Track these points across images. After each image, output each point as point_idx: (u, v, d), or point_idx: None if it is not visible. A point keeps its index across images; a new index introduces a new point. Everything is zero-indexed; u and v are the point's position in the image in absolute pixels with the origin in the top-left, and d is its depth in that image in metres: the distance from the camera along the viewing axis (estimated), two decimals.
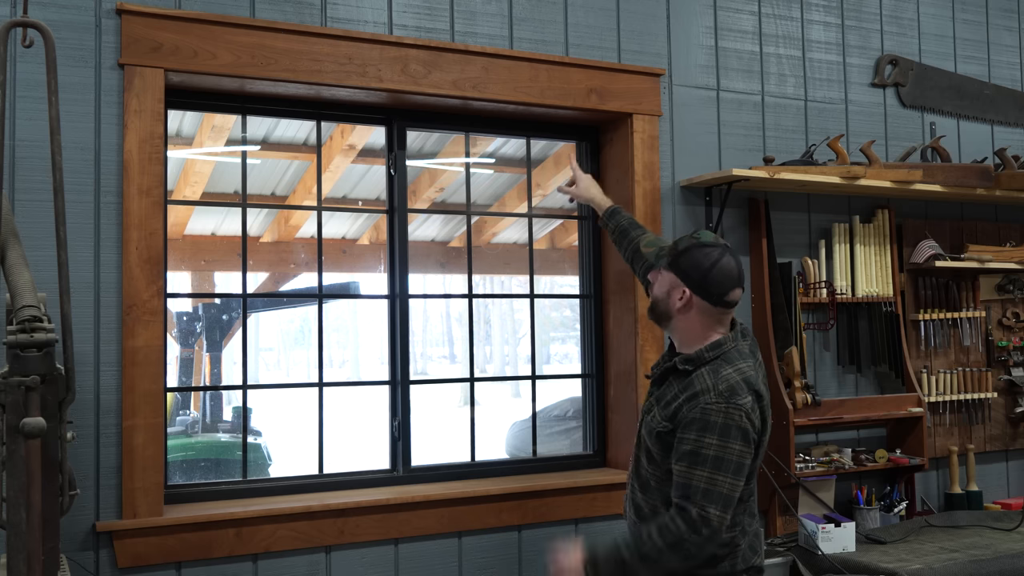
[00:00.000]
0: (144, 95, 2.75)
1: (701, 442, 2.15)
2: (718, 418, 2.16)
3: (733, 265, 2.29)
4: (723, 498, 2.13)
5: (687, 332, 2.33)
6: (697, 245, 2.30)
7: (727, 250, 2.31)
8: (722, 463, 2.14)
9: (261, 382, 10.48)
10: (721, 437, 2.15)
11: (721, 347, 2.29)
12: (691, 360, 2.29)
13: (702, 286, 2.28)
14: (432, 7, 3.20)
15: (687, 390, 2.24)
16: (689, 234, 2.38)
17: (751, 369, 2.28)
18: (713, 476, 2.13)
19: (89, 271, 2.68)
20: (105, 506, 2.67)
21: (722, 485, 2.13)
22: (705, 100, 3.65)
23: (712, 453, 2.14)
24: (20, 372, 1.56)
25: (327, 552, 2.95)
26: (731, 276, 2.28)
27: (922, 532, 3.59)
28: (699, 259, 2.28)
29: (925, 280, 3.99)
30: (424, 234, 7.40)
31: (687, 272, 2.29)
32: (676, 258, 2.31)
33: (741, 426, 2.16)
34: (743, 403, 2.18)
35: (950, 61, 4.25)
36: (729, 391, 2.19)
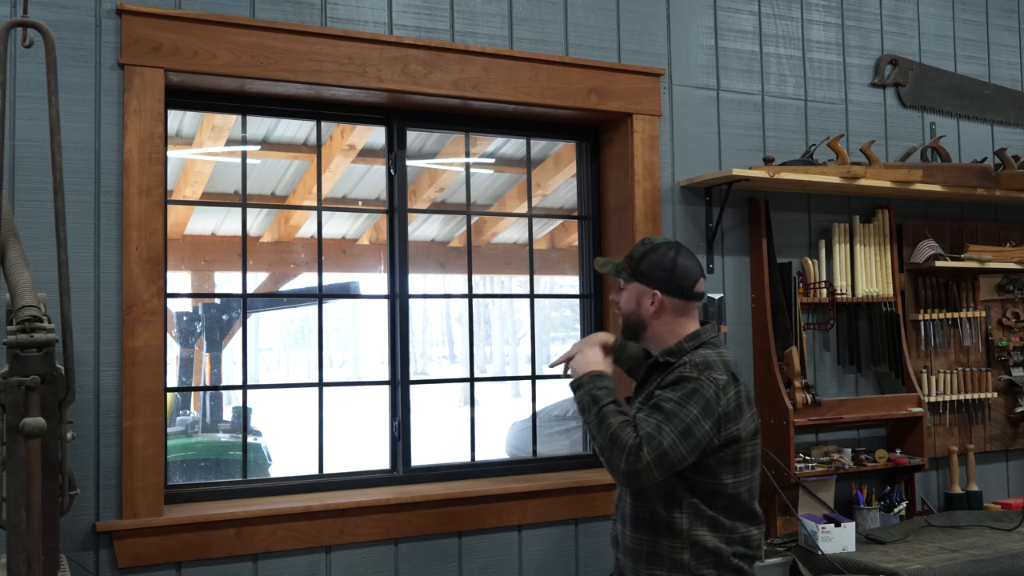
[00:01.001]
0: (144, 95, 2.75)
1: (663, 397, 2.19)
2: (688, 384, 2.19)
3: (690, 258, 2.38)
4: (661, 449, 2.11)
5: (664, 334, 2.36)
6: (651, 248, 2.38)
7: (679, 245, 2.40)
8: (673, 419, 2.14)
9: (261, 382, 10.48)
10: (683, 399, 2.16)
11: (700, 336, 2.34)
12: (672, 352, 2.32)
13: (670, 283, 2.34)
14: (432, 7, 3.20)
15: (671, 373, 2.25)
16: (639, 243, 2.43)
17: (731, 356, 2.33)
18: (661, 426, 2.13)
19: (89, 271, 2.68)
20: (105, 506, 2.67)
21: (666, 437, 2.12)
22: (705, 100, 3.65)
23: (669, 407, 2.16)
24: (20, 372, 1.56)
25: (327, 552, 2.95)
26: (692, 269, 2.36)
27: (922, 532, 3.59)
28: (659, 260, 2.36)
29: (925, 280, 3.99)
30: (424, 234, 7.40)
31: (651, 275, 2.35)
32: (636, 266, 2.37)
33: (706, 396, 2.17)
34: (717, 377, 2.20)
35: (950, 61, 4.25)
36: (705, 365, 2.22)
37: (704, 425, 2.16)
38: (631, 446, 2.12)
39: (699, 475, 2.21)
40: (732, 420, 2.21)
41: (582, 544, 3.32)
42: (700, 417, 2.15)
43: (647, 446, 2.11)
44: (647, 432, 2.13)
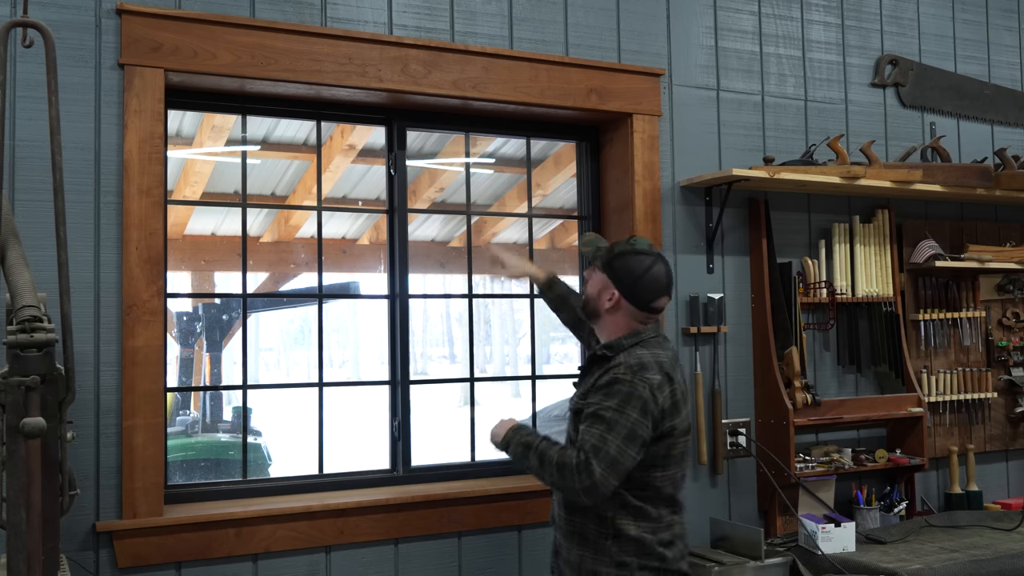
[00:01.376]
0: (144, 95, 2.75)
1: (602, 405, 2.28)
2: (623, 387, 2.28)
3: (663, 274, 2.45)
4: (610, 458, 2.22)
5: (613, 329, 2.47)
6: (632, 252, 2.45)
7: (659, 259, 2.46)
8: (616, 426, 2.24)
9: (261, 382, 10.48)
10: (621, 404, 2.26)
11: (639, 335, 2.43)
12: (610, 347, 2.43)
13: (632, 291, 2.43)
14: (432, 7, 3.20)
15: (607, 373, 2.35)
16: (626, 239, 2.50)
17: (666, 356, 2.41)
18: (604, 436, 2.24)
19: (89, 271, 2.68)
20: (105, 506, 2.67)
21: (611, 446, 2.23)
22: (705, 100, 3.65)
23: (609, 416, 2.26)
24: (20, 372, 1.56)
25: (327, 552, 2.95)
26: (660, 285, 2.44)
27: (922, 532, 3.59)
28: (632, 265, 2.43)
29: (925, 280, 3.99)
30: (424, 234, 7.40)
31: (619, 276, 2.44)
32: (610, 261, 2.46)
33: (643, 397, 2.27)
34: (651, 378, 2.30)
35: (950, 61, 4.25)
36: (639, 366, 2.32)
37: (646, 424, 2.28)
38: (578, 464, 2.23)
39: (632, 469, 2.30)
40: (669, 417, 2.33)
41: None
42: (640, 418, 2.27)
43: (595, 458, 2.22)
44: (592, 444, 2.24)
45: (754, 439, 3.60)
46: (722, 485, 3.57)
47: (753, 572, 3.15)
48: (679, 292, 3.53)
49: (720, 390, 3.57)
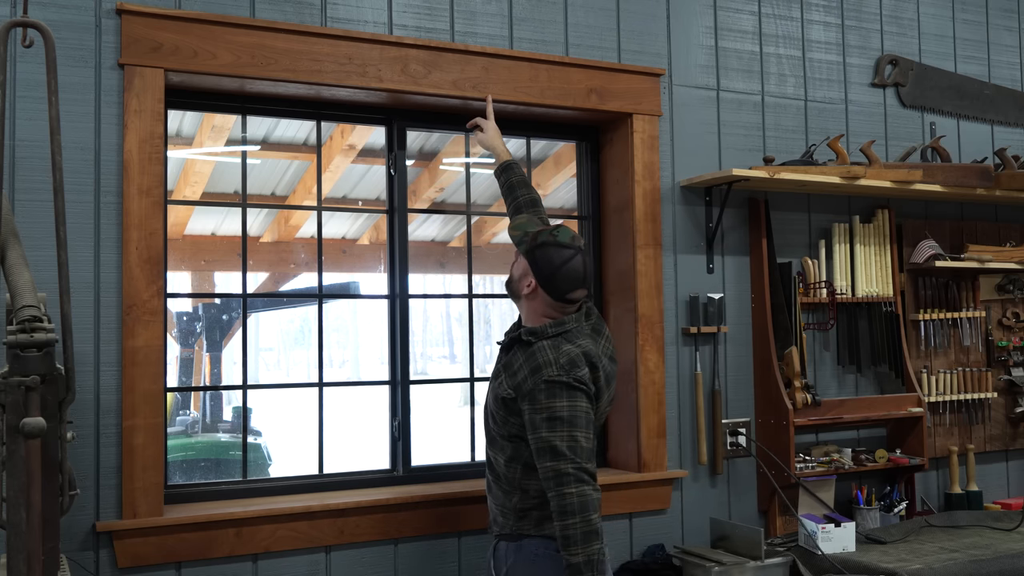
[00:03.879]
0: (144, 95, 2.75)
1: (553, 406, 2.39)
2: (562, 387, 2.40)
3: (580, 268, 2.53)
4: (585, 450, 2.38)
5: (531, 314, 2.60)
6: (552, 243, 2.53)
7: (579, 252, 2.53)
8: (576, 420, 2.39)
9: (261, 382, 10.47)
10: (569, 399, 2.40)
11: (564, 325, 2.53)
12: (535, 333, 2.53)
13: (548, 282, 2.52)
14: (432, 7, 3.20)
15: (530, 361, 2.46)
16: (550, 228, 2.57)
17: (592, 345, 2.52)
18: (572, 433, 2.37)
19: (89, 271, 2.68)
20: (105, 506, 2.67)
21: (581, 439, 2.38)
22: (705, 100, 3.65)
23: (567, 414, 2.38)
24: (20, 372, 1.56)
25: (327, 552, 2.95)
26: (576, 278, 2.52)
27: (922, 532, 3.59)
28: (551, 256, 2.52)
29: (925, 280, 3.99)
30: (424, 234, 7.40)
31: (538, 265, 2.53)
32: (532, 249, 2.55)
33: (582, 389, 2.42)
34: (581, 374, 2.43)
35: (950, 61, 4.25)
36: (569, 364, 2.43)
37: (594, 409, 2.47)
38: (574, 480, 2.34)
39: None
40: (597, 400, 2.50)
41: None
42: (588, 405, 2.43)
43: (575, 456, 2.35)
44: (567, 445, 2.36)
45: (754, 439, 3.60)
46: (722, 485, 3.57)
47: (753, 572, 3.15)
48: (679, 292, 3.53)
49: (720, 390, 3.57)
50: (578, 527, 2.32)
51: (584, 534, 2.32)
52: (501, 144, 3.10)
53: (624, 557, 3.37)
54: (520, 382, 2.46)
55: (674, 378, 3.50)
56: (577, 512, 2.33)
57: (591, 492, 2.35)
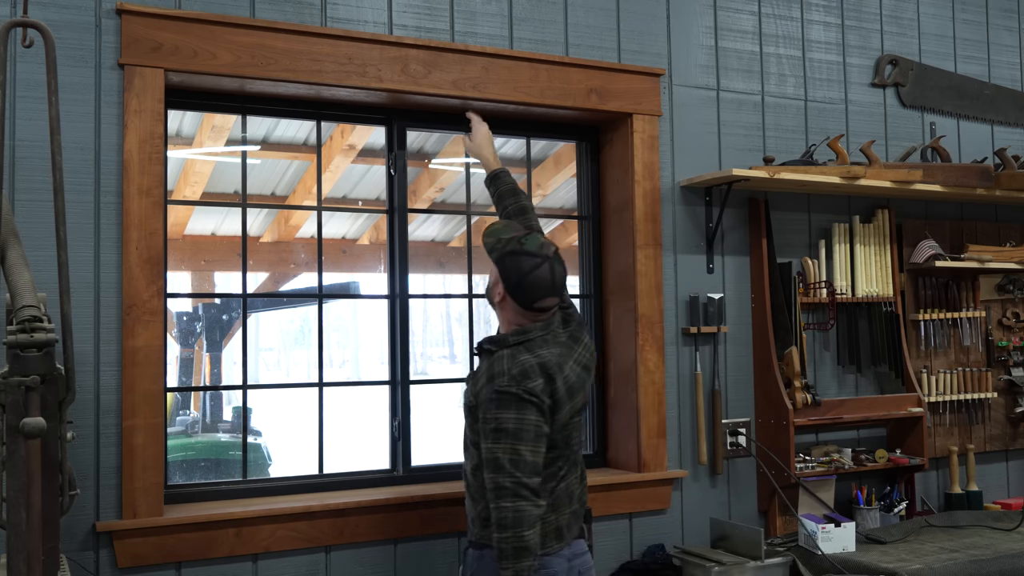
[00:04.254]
0: (144, 95, 2.75)
1: (500, 418, 2.39)
2: (511, 397, 2.39)
3: (548, 276, 2.50)
4: (528, 464, 2.36)
5: (503, 322, 2.60)
6: (520, 252, 2.51)
7: (547, 260, 2.50)
8: (522, 433, 2.37)
9: (261, 382, 10.47)
10: (517, 411, 2.38)
11: (526, 334, 2.51)
12: (496, 341, 2.54)
13: (516, 291, 2.51)
14: (432, 7, 3.20)
15: (489, 370, 2.47)
16: (519, 236, 2.55)
17: (552, 355, 2.48)
18: (515, 446, 2.36)
19: (89, 271, 2.68)
20: (105, 506, 2.67)
21: (525, 453, 2.37)
22: (705, 100, 3.65)
23: (512, 427, 2.37)
24: (20, 372, 1.56)
25: (327, 552, 2.95)
26: (544, 287, 2.49)
27: (922, 532, 3.59)
28: (518, 265, 2.50)
29: (925, 280, 3.99)
30: (424, 234, 7.40)
31: (507, 274, 2.52)
32: (502, 257, 2.54)
33: (533, 402, 2.39)
34: (533, 386, 2.40)
35: (950, 61, 4.25)
36: (522, 375, 2.41)
37: (544, 424, 2.42)
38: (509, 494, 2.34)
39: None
40: (556, 411, 2.45)
41: None
42: (539, 419, 2.40)
43: (516, 470, 2.35)
44: (509, 459, 2.36)
45: (754, 439, 3.60)
46: (722, 485, 3.57)
47: (753, 572, 3.15)
48: (679, 292, 3.53)
49: (720, 390, 3.57)
50: (510, 541, 2.32)
51: (515, 549, 2.32)
52: (490, 152, 3.07)
53: (624, 557, 3.37)
54: (479, 390, 2.47)
55: (674, 378, 3.50)
56: (510, 527, 2.33)
57: (528, 507, 2.34)
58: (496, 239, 2.58)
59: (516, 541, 2.32)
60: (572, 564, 2.51)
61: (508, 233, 2.60)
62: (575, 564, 2.52)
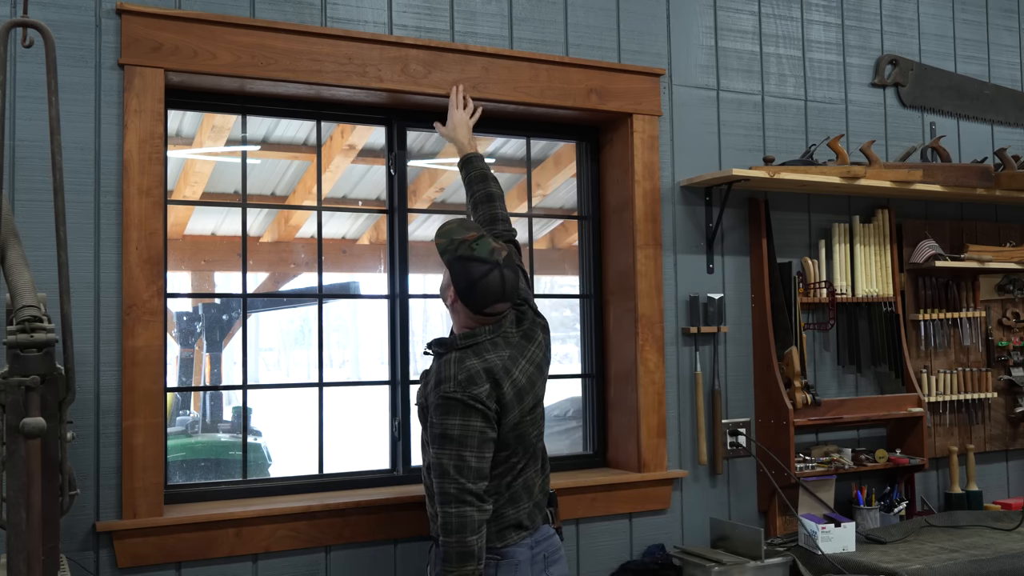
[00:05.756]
0: (144, 95, 2.75)
1: (445, 424, 2.41)
2: (456, 404, 2.40)
3: (498, 283, 2.48)
4: (473, 470, 2.39)
5: (456, 324, 2.62)
6: (470, 257, 2.49)
7: (497, 267, 2.48)
8: (467, 440, 2.39)
9: (261, 382, 10.47)
10: (462, 417, 2.40)
11: (474, 337, 2.52)
12: (443, 344, 2.57)
13: (466, 296, 2.51)
14: (432, 7, 3.20)
15: (437, 374, 2.49)
16: (471, 240, 2.52)
17: (499, 360, 2.48)
18: (460, 453, 2.39)
19: (89, 271, 2.68)
20: (105, 506, 2.67)
21: (470, 459, 2.39)
22: (705, 100, 3.65)
23: (457, 433, 2.39)
24: (20, 372, 1.56)
25: (327, 552, 2.95)
26: (493, 293, 2.49)
27: (922, 532, 3.59)
28: (468, 271, 2.49)
29: (925, 280, 3.99)
30: (424, 234, 7.38)
31: (456, 279, 2.52)
32: (452, 263, 2.53)
33: (478, 408, 2.40)
34: (478, 392, 2.41)
35: (950, 61, 4.25)
36: (468, 380, 2.42)
37: (490, 429, 2.42)
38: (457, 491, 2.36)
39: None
40: (503, 415, 2.46)
41: (583, 544, 3.32)
42: (484, 425, 2.41)
43: (460, 476, 2.37)
44: (454, 465, 2.38)
45: (754, 439, 3.60)
46: (722, 485, 3.57)
47: (753, 572, 3.15)
48: (679, 292, 3.53)
49: (720, 390, 3.57)
50: (453, 547, 2.35)
51: (459, 554, 2.35)
52: (464, 136, 3.03)
53: (624, 557, 3.37)
54: (428, 393, 2.50)
55: (674, 378, 3.50)
56: (454, 532, 2.35)
57: (472, 513, 2.36)
58: (448, 240, 2.55)
59: (460, 546, 2.35)
60: (535, 551, 2.53)
61: (461, 234, 2.56)
62: (539, 550, 2.55)
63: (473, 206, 2.92)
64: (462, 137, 3.03)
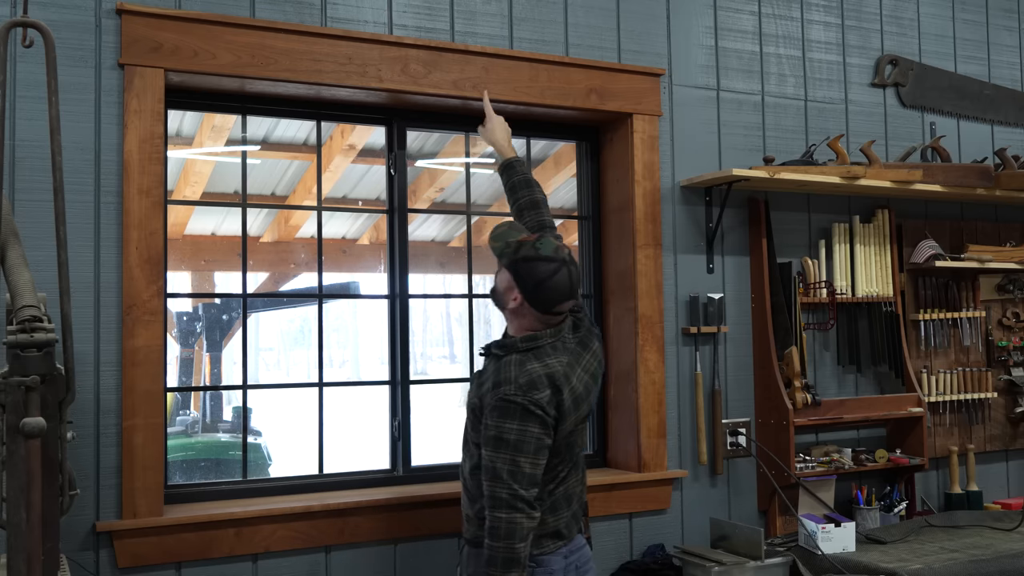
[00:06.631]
0: (144, 95, 2.75)
1: (502, 428, 2.37)
2: (516, 408, 2.36)
3: (566, 280, 2.47)
4: (527, 476, 2.35)
5: (516, 327, 2.57)
6: (536, 257, 2.46)
7: (564, 264, 2.47)
8: (523, 445, 2.35)
9: (261, 382, 10.47)
10: (520, 422, 2.36)
11: (536, 340, 2.48)
12: (504, 346, 2.51)
13: (534, 296, 2.47)
14: (432, 7, 3.20)
15: (495, 375, 2.44)
16: (533, 240, 2.50)
17: (560, 365, 2.45)
18: (515, 458, 2.35)
19: (89, 271, 2.68)
20: (105, 506, 2.67)
21: (524, 465, 2.35)
22: (705, 100, 3.65)
23: (513, 438, 2.35)
24: (20, 372, 1.56)
25: (327, 552, 2.95)
26: (563, 291, 2.47)
27: (922, 532, 3.59)
28: (536, 271, 2.46)
29: (925, 280, 3.99)
30: (424, 234, 7.40)
31: (523, 279, 2.48)
32: (515, 264, 2.49)
33: (537, 415, 2.37)
34: (539, 397, 2.38)
35: (950, 61, 4.25)
36: (528, 385, 2.38)
37: (547, 436, 2.39)
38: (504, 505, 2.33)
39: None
40: (560, 423, 2.43)
41: None
42: (542, 432, 2.38)
43: (513, 481, 2.34)
44: (508, 470, 2.35)
45: (754, 439, 3.60)
46: (722, 485, 3.57)
47: (753, 572, 3.15)
48: (679, 292, 3.53)
49: (720, 390, 3.57)
50: (501, 551, 2.32)
51: (505, 560, 2.32)
52: (504, 140, 3.01)
53: (624, 557, 3.37)
54: (484, 394, 2.45)
55: (674, 378, 3.50)
56: (502, 537, 2.32)
57: (522, 519, 2.33)
58: (504, 243, 2.54)
59: (507, 552, 2.32)
60: (569, 560, 2.52)
61: (515, 236, 2.55)
62: (572, 560, 2.53)
63: (518, 211, 2.88)
64: (501, 139, 3.00)
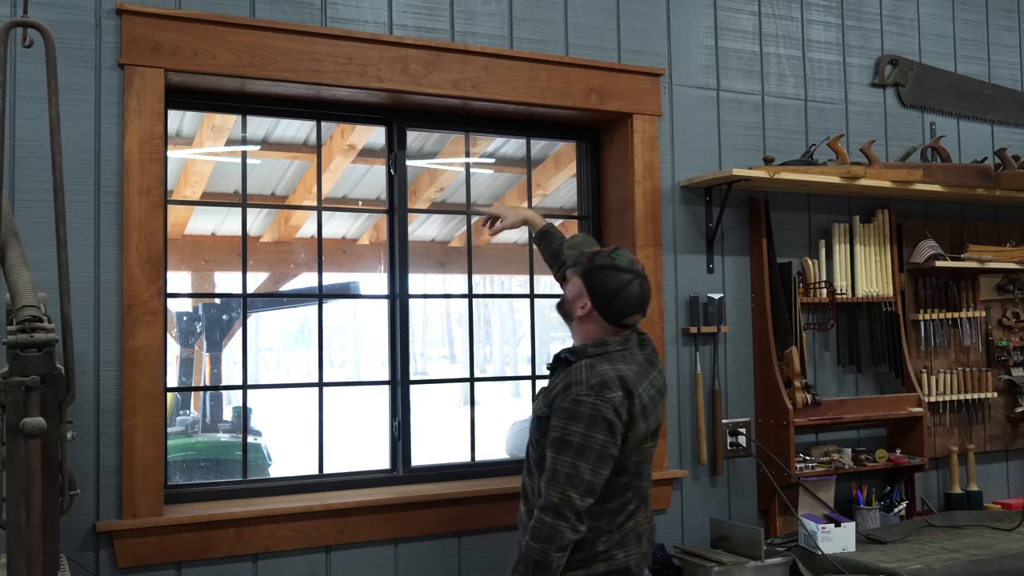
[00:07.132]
0: (144, 95, 2.75)
1: (567, 430, 2.32)
2: (586, 409, 2.32)
3: (638, 293, 2.46)
4: (585, 483, 2.29)
5: (582, 335, 2.53)
6: (611, 266, 2.46)
7: (638, 277, 2.46)
8: (586, 450, 2.30)
9: (261, 382, 10.48)
10: (587, 426, 2.31)
11: (605, 346, 2.46)
12: (575, 352, 2.48)
13: (605, 306, 2.46)
14: (432, 7, 3.20)
15: (567, 378, 2.40)
16: (609, 250, 2.50)
17: (630, 371, 2.41)
18: (576, 462, 2.30)
19: (89, 271, 2.68)
20: (105, 506, 2.67)
21: (585, 471, 2.30)
22: (705, 100, 3.65)
23: (577, 441, 2.31)
24: (20, 372, 1.56)
25: (327, 552, 2.95)
26: (633, 304, 2.46)
27: (922, 532, 3.59)
28: (609, 281, 2.46)
29: (925, 280, 3.99)
30: (424, 234, 7.40)
31: (595, 288, 2.47)
32: (589, 272, 2.48)
33: (607, 418, 2.32)
34: (612, 397, 2.33)
35: (950, 61, 4.25)
36: (600, 385, 2.34)
37: (611, 443, 2.33)
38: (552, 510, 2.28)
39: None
40: (630, 428, 2.38)
41: None
42: (607, 438, 2.32)
43: (570, 487, 2.28)
44: (566, 473, 2.29)
45: (754, 439, 3.60)
46: (722, 485, 3.57)
47: (753, 572, 3.15)
48: (679, 292, 3.54)
49: (720, 390, 3.58)
50: (535, 553, 2.29)
51: (537, 563, 2.29)
52: (530, 213, 3.04)
53: None
54: (554, 398, 2.41)
55: (674, 378, 3.50)
56: (541, 540, 2.29)
57: (565, 529, 2.28)
58: (579, 252, 2.56)
59: (541, 556, 2.29)
60: None
61: (590, 246, 2.57)
62: None
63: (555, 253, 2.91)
64: (529, 214, 3.03)
